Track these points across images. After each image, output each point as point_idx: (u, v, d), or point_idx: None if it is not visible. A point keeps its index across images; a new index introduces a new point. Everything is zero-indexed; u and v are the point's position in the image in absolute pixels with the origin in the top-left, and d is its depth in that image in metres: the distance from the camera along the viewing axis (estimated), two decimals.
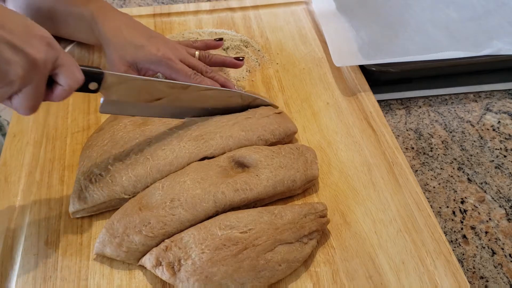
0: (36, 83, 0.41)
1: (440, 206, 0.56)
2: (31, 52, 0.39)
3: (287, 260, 0.45)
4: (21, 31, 0.40)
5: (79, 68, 0.45)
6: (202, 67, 0.62)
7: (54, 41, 0.42)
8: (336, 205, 0.53)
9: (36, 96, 0.42)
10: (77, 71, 0.44)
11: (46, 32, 0.42)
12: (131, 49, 0.59)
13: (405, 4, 0.81)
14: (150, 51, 0.59)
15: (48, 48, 0.41)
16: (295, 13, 0.82)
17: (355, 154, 0.58)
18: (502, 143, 0.64)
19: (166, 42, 0.62)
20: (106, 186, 0.50)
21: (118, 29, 0.61)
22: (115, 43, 0.60)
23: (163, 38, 0.63)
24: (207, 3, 0.83)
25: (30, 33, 0.40)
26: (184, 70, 0.60)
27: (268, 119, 0.58)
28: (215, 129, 0.55)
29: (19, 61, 0.39)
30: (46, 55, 0.41)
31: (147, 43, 0.60)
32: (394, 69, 0.67)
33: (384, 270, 0.47)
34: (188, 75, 0.60)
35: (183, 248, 0.45)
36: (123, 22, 0.62)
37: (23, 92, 0.41)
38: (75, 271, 0.47)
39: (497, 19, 0.77)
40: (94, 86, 0.48)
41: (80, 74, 0.44)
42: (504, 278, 0.50)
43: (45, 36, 0.41)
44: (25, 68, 0.39)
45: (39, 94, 0.42)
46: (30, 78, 0.40)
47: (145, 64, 0.60)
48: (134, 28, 0.62)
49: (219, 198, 0.48)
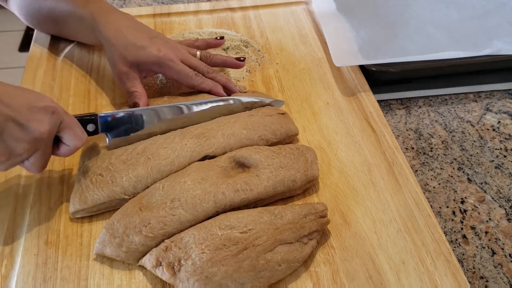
0: (43, 150, 0.46)
1: (440, 206, 0.56)
2: (35, 127, 0.43)
3: (287, 260, 0.45)
4: (25, 107, 0.43)
5: (82, 129, 0.49)
6: (203, 67, 0.62)
7: (57, 107, 0.46)
8: (336, 205, 0.53)
9: (44, 158, 0.47)
10: (80, 131, 0.48)
11: (50, 101, 0.46)
12: (132, 50, 0.59)
13: (405, 4, 0.81)
14: (151, 52, 0.59)
15: (52, 117, 0.45)
16: (295, 13, 0.82)
17: (355, 154, 0.58)
18: (502, 143, 0.64)
19: (167, 42, 0.62)
20: (106, 186, 0.50)
21: (119, 30, 0.60)
22: (116, 44, 0.60)
23: (164, 38, 0.63)
24: (207, 3, 0.83)
25: (33, 108, 0.44)
26: (185, 71, 0.60)
27: (270, 118, 0.58)
28: (217, 126, 0.55)
29: (24, 136, 0.43)
30: (50, 126, 0.44)
31: (149, 44, 0.59)
32: (394, 69, 0.67)
33: (384, 270, 0.47)
34: (189, 76, 0.60)
35: (183, 248, 0.45)
36: (124, 23, 0.61)
37: (32, 157, 0.45)
38: (75, 271, 0.47)
39: (497, 19, 0.77)
40: (92, 127, 0.52)
41: (83, 134, 0.49)
42: (504, 278, 0.50)
43: (48, 106, 0.45)
44: (31, 142, 0.43)
45: (46, 156, 0.47)
46: (37, 147, 0.45)
47: (146, 65, 0.60)
48: (135, 29, 0.62)
49: (219, 198, 0.48)
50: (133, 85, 0.60)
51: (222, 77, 0.63)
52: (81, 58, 0.72)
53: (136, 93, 0.59)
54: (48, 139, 0.45)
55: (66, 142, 0.48)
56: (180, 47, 0.63)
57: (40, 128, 0.43)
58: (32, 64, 0.70)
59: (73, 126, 0.47)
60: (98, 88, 0.67)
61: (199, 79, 0.60)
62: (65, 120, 0.46)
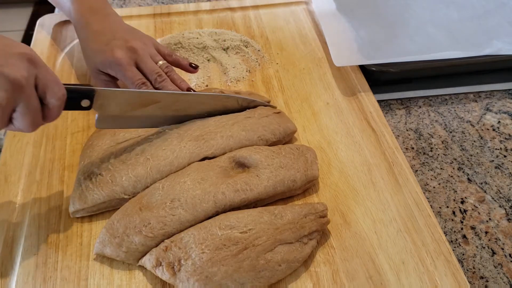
0: (26, 101, 0.42)
1: (440, 206, 0.56)
2: (10, 72, 0.40)
3: (287, 260, 0.45)
4: None
5: (61, 85, 0.45)
6: (154, 74, 0.58)
7: (36, 56, 0.43)
8: (336, 205, 0.53)
9: (32, 112, 0.43)
10: (57, 87, 0.44)
11: (27, 48, 0.43)
12: (92, 56, 0.60)
13: (405, 4, 0.81)
14: (105, 55, 0.59)
15: (29, 65, 0.42)
16: (295, 13, 0.82)
17: (355, 154, 0.58)
18: (502, 143, 0.64)
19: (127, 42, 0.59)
20: (106, 186, 0.50)
21: (86, 36, 0.62)
22: (83, 50, 0.62)
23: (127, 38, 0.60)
24: (207, 3, 0.83)
25: (8, 53, 0.41)
26: (131, 77, 0.57)
27: (268, 118, 0.58)
28: (215, 129, 0.55)
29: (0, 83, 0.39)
30: (27, 72, 0.41)
31: (105, 48, 0.59)
32: (394, 69, 0.67)
33: (384, 270, 0.47)
34: (134, 84, 0.57)
35: (183, 248, 0.45)
36: (94, 28, 0.61)
37: (18, 112, 0.42)
38: (75, 271, 0.47)
39: (497, 19, 0.77)
40: (86, 103, 0.49)
41: (60, 89, 0.44)
42: (504, 278, 0.50)
43: (25, 52, 0.42)
44: (8, 89, 0.40)
45: (34, 110, 0.43)
46: (18, 97, 0.41)
47: (104, 68, 0.60)
48: (101, 33, 0.60)
49: (219, 198, 0.48)
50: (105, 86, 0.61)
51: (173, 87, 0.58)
52: (81, 58, 0.72)
53: None
54: (28, 88, 0.41)
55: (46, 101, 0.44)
56: (141, 48, 0.59)
57: (16, 73, 0.40)
58: None
59: (51, 81, 0.43)
60: None
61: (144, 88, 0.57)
62: (42, 73, 0.43)
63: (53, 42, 0.74)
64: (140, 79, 0.57)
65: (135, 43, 0.59)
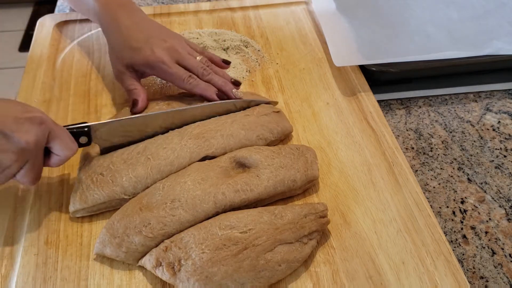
0: (32, 161, 0.45)
1: (440, 206, 0.56)
2: (22, 137, 0.43)
3: (287, 260, 0.45)
4: (10, 118, 0.43)
5: (72, 139, 0.48)
6: (200, 69, 0.60)
7: (45, 117, 0.46)
8: (336, 205, 0.53)
9: (35, 169, 0.47)
10: (70, 141, 0.48)
11: (38, 111, 0.46)
12: (127, 52, 0.59)
13: (405, 4, 0.81)
14: (145, 54, 0.58)
15: (39, 127, 0.45)
16: (295, 13, 0.82)
17: (355, 154, 0.58)
18: (502, 143, 0.64)
19: (165, 41, 0.60)
20: (106, 186, 0.50)
21: (117, 31, 0.60)
22: (114, 45, 0.61)
23: (163, 37, 0.61)
24: (207, 3, 0.83)
25: (20, 119, 0.44)
26: (178, 73, 0.58)
27: (267, 117, 0.58)
28: (215, 127, 0.55)
29: (11, 147, 0.43)
30: (36, 136, 0.44)
31: (144, 45, 0.59)
32: (394, 69, 0.67)
33: (384, 270, 0.47)
34: (182, 79, 0.58)
35: (183, 248, 0.45)
36: (125, 23, 0.61)
37: (23, 169, 0.45)
38: (75, 271, 0.47)
39: (497, 19, 0.77)
40: (84, 140, 0.51)
41: (74, 144, 0.48)
42: (504, 278, 0.50)
43: (35, 116, 0.45)
44: (18, 153, 0.43)
45: (38, 167, 0.47)
46: (26, 158, 0.44)
47: (140, 66, 0.60)
48: (134, 29, 0.60)
49: (219, 199, 0.48)
50: (131, 83, 0.60)
51: (219, 79, 0.60)
52: (81, 58, 0.72)
53: (135, 90, 0.59)
54: (37, 150, 0.45)
55: (56, 152, 0.48)
56: (179, 46, 0.61)
57: (27, 138, 0.43)
58: (32, 64, 0.70)
59: (62, 136, 0.47)
60: (98, 88, 0.67)
61: (193, 81, 0.59)
62: (53, 130, 0.46)
63: (53, 42, 0.74)
64: (186, 73, 0.59)
65: (173, 41, 0.61)
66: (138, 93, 0.59)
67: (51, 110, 0.64)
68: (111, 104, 0.65)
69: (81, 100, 0.65)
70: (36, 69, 0.70)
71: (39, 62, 0.71)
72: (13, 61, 2.09)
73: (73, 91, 0.67)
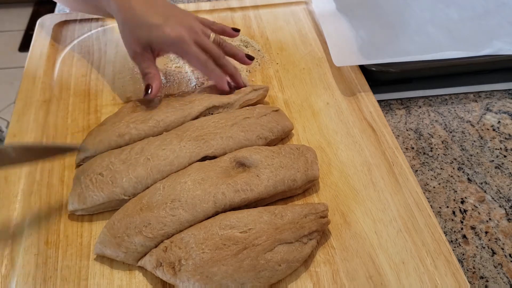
0: None
1: (440, 206, 0.56)
2: None
3: (287, 260, 0.45)
4: None
5: None
6: (216, 52, 0.60)
7: None
8: (336, 205, 0.53)
9: None
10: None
11: None
12: (145, 29, 0.57)
13: (405, 4, 0.81)
14: (164, 32, 0.57)
15: None
16: (295, 13, 0.82)
17: (355, 154, 0.58)
18: (502, 143, 0.64)
19: (182, 20, 0.59)
20: (106, 187, 0.50)
21: (131, 8, 0.58)
22: (129, 24, 0.58)
23: (179, 15, 0.60)
24: (207, 3, 0.83)
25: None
26: (197, 55, 0.58)
27: (266, 117, 0.58)
28: (214, 130, 0.55)
29: None
30: None
31: (162, 23, 0.57)
32: (394, 69, 0.67)
33: (384, 270, 0.47)
34: (201, 61, 0.58)
35: (184, 248, 0.45)
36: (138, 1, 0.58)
37: None
38: (75, 271, 0.47)
39: (497, 19, 0.77)
40: None
41: None
42: (504, 278, 0.50)
43: None
44: None
45: None
46: None
47: (159, 45, 0.58)
48: (149, 5, 0.59)
49: (219, 198, 0.48)
50: (147, 66, 0.59)
51: (231, 66, 0.61)
52: (81, 58, 0.72)
53: (150, 74, 0.58)
54: None
55: None
56: (196, 26, 0.60)
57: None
58: (32, 64, 0.70)
59: None
60: (98, 88, 0.67)
61: (210, 66, 0.58)
62: None
63: (53, 42, 0.74)
64: (204, 55, 0.59)
65: (190, 21, 0.60)
66: (153, 78, 0.58)
67: (51, 110, 0.64)
68: (111, 104, 0.65)
69: (81, 100, 0.65)
70: (36, 69, 0.70)
71: (39, 62, 0.71)
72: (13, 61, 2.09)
73: (73, 91, 0.67)
